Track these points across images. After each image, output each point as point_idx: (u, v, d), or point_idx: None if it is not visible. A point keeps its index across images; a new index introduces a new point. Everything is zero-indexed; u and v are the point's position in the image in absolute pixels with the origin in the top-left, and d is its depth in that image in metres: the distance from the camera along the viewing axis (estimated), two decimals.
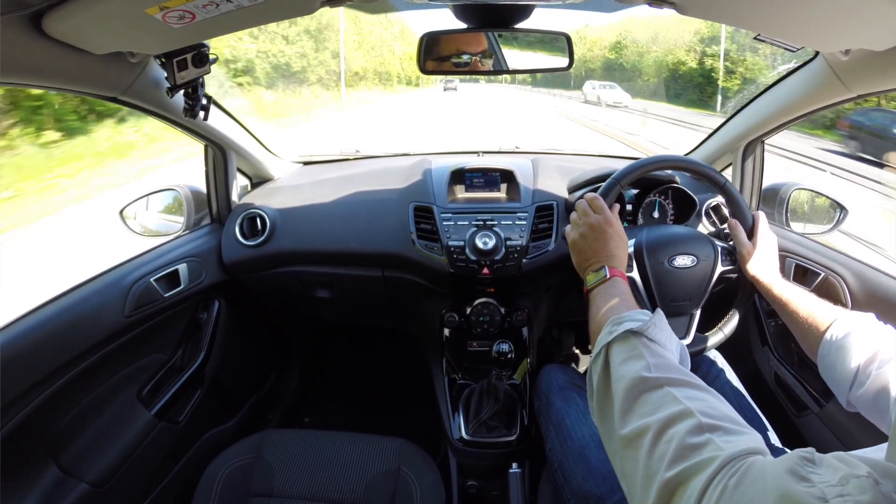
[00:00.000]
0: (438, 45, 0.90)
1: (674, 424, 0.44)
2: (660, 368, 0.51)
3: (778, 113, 1.05)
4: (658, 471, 0.42)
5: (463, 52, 0.92)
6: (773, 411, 0.94)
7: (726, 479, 0.37)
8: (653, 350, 0.55)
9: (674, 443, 0.43)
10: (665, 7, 0.72)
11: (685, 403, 0.46)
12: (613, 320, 0.61)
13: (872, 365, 0.63)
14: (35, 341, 0.80)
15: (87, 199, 4.96)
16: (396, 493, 0.94)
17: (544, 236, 1.10)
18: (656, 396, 0.48)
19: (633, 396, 0.50)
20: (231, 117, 1.16)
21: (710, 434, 0.42)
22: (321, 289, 1.27)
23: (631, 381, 0.51)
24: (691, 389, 0.49)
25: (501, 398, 1.12)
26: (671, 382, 0.49)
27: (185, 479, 1.12)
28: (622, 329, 0.58)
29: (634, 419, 0.48)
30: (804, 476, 0.34)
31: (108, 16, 0.60)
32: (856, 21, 0.63)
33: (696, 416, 0.44)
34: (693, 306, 0.89)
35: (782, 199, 1.16)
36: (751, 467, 0.38)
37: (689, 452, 0.41)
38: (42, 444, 0.85)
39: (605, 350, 0.58)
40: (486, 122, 12.75)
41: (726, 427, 0.43)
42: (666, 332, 0.59)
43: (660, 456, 0.43)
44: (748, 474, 0.37)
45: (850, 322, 0.70)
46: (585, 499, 0.78)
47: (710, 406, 0.46)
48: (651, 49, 23.31)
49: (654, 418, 0.46)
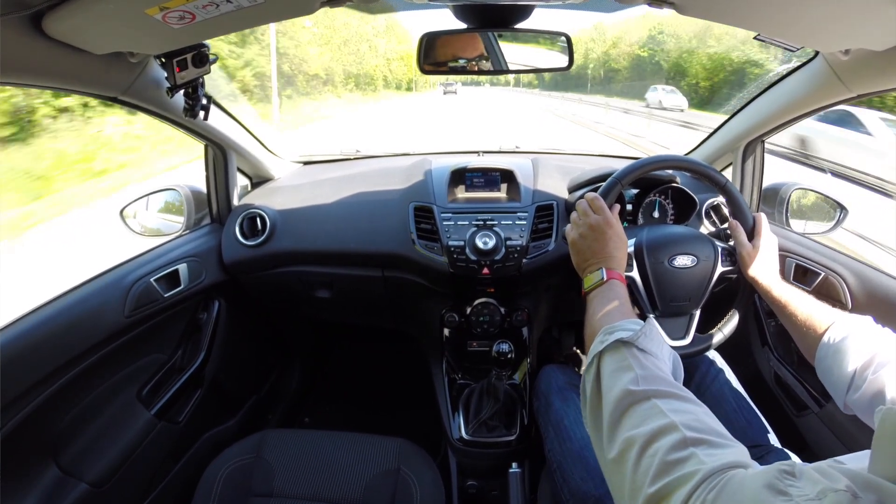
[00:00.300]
0: (438, 45, 0.90)
1: (658, 439, 0.45)
2: (647, 380, 0.52)
3: (778, 113, 1.05)
4: (643, 486, 0.43)
5: (463, 52, 0.92)
6: (773, 411, 0.94)
7: (705, 494, 0.38)
8: (642, 361, 0.55)
9: (657, 457, 0.43)
10: (665, 7, 0.72)
11: (670, 417, 0.46)
12: (605, 329, 0.62)
13: (869, 369, 0.63)
14: (35, 341, 0.80)
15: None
16: (396, 493, 0.94)
17: (544, 236, 1.10)
18: (643, 409, 0.49)
19: (620, 410, 0.51)
20: (231, 117, 1.16)
21: (693, 448, 0.43)
22: (321, 289, 1.27)
23: (619, 394, 0.52)
24: (678, 402, 0.49)
25: (501, 398, 1.12)
26: (658, 395, 0.50)
27: (185, 479, 1.12)
28: (613, 339, 0.58)
29: (622, 432, 0.49)
30: (782, 490, 0.34)
31: (108, 16, 0.60)
32: (856, 21, 0.63)
33: (680, 430, 0.45)
34: (693, 306, 0.89)
35: (782, 198, 1.16)
36: (730, 481, 0.38)
37: (671, 467, 0.42)
38: (42, 444, 0.85)
39: (597, 360, 0.59)
40: (492, 127, 12.12)
41: (710, 440, 0.44)
42: (657, 342, 0.59)
43: (644, 470, 0.44)
44: (726, 489, 0.38)
45: (848, 325, 0.70)
46: (584, 499, 0.78)
47: (695, 419, 0.47)
48: (701, 46, 18.95)
49: (639, 431, 0.47)
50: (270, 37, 13.13)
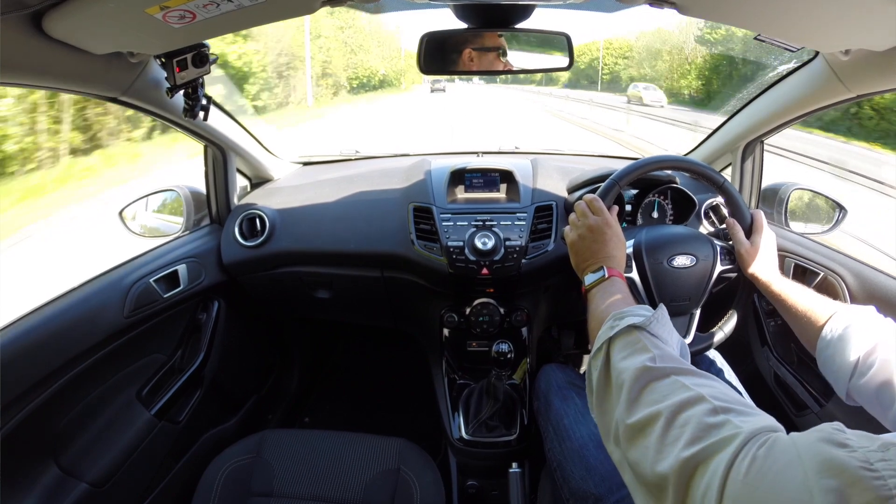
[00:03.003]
0: (438, 45, 0.90)
1: (687, 409, 0.44)
2: (664, 360, 0.51)
3: (777, 113, 1.05)
4: (671, 453, 0.41)
5: (463, 52, 0.92)
6: (773, 411, 0.93)
7: (755, 450, 0.36)
8: (657, 343, 0.55)
9: (690, 425, 0.42)
10: (665, 7, 0.72)
11: (695, 389, 0.45)
12: (615, 315, 0.61)
13: (873, 356, 0.63)
14: (35, 341, 0.80)
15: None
16: (396, 493, 0.94)
17: (543, 236, 1.10)
18: (664, 385, 0.48)
19: (640, 386, 0.50)
20: (231, 118, 1.16)
21: (725, 415, 0.41)
22: (321, 289, 1.27)
23: (637, 371, 0.51)
24: (698, 378, 0.48)
25: (501, 398, 1.12)
26: (678, 371, 0.49)
27: (185, 479, 1.12)
28: (625, 324, 0.58)
29: (642, 408, 0.48)
30: (842, 442, 0.33)
31: (108, 16, 0.60)
32: (856, 21, 0.63)
33: (708, 400, 0.43)
34: (693, 306, 0.89)
35: (782, 198, 1.17)
36: (777, 440, 0.37)
37: (706, 433, 0.40)
38: (42, 444, 0.85)
39: (607, 345, 0.58)
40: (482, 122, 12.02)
41: (740, 409, 0.42)
42: (668, 328, 0.59)
43: (674, 440, 0.42)
44: (776, 446, 0.36)
45: (849, 315, 0.70)
46: (584, 499, 0.78)
47: (720, 392, 0.45)
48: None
49: (664, 405, 0.45)
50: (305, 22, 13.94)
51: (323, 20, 18.92)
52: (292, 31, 15.23)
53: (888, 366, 0.61)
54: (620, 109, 16.29)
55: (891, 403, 0.59)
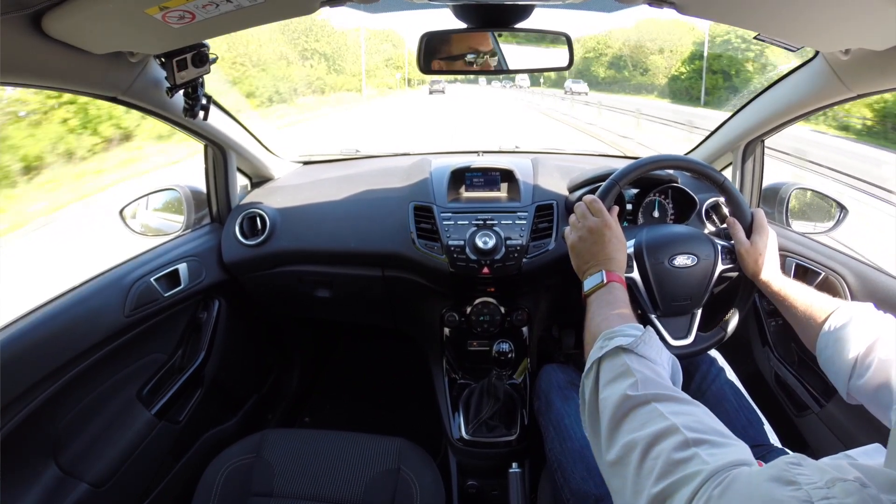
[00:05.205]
0: (438, 45, 0.90)
1: (660, 441, 0.45)
2: (646, 385, 0.52)
3: (778, 113, 1.05)
4: (645, 487, 0.43)
5: (463, 51, 0.92)
6: (774, 411, 0.94)
7: (710, 490, 0.38)
8: (641, 367, 0.55)
9: (661, 459, 0.43)
10: (665, 7, 0.72)
11: (671, 419, 0.47)
12: (605, 335, 0.62)
13: (872, 354, 0.63)
14: (35, 341, 0.80)
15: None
16: (396, 493, 0.94)
17: (544, 236, 1.10)
18: (642, 413, 0.49)
19: (620, 414, 0.51)
20: (231, 117, 1.16)
21: (695, 448, 0.43)
22: (321, 288, 1.27)
23: (618, 399, 0.52)
24: (677, 404, 0.50)
25: (501, 398, 1.12)
26: (657, 398, 0.50)
27: (185, 478, 1.12)
28: (613, 345, 0.58)
29: (622, 437, 0.49)
30: (790, 479, 0.34)
31: (108, 16, 0.60)
32: (856, 21, 0.63)
33: (681, 431, 0.45)
34: (694, 306, 0.89)
35: (782, 198, 1.16)
36: (736, 478, 0.38)
37: (674, 468, 0.42)
38: (42, 444, 0.85)
39: (596, 365, 0.59)
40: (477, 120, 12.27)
41: (712, 440, 0.44)
42: (657, 348, 0.59)
43: (647, 472, 0.44)
44: (733, 485, 0.38)
45: (849, 312, 0.70)
46: (585, 499, 0.78)
47: (696, 420, 0.47)
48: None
49: (640, 434, 0.47)
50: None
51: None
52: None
53: (886, 365, 0.61)
54: (565, 101, 20.35)
55: (890, 403, 0.59)
